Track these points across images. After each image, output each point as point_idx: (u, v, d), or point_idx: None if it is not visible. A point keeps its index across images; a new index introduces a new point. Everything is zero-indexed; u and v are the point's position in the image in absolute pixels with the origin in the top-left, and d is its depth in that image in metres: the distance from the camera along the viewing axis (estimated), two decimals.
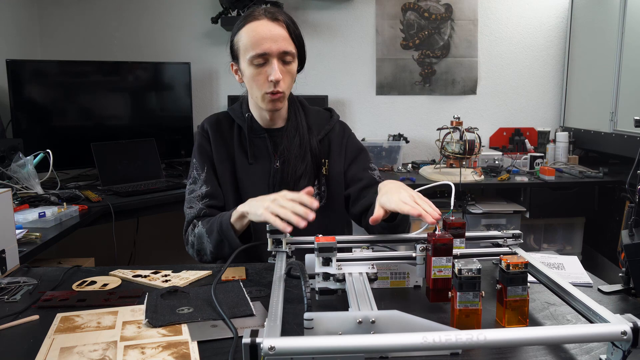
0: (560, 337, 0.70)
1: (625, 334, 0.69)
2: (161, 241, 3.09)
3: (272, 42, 1.28)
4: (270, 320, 0.74)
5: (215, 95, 3.21)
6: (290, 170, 1.39)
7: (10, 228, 1.21)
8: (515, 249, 1.09)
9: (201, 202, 1.39)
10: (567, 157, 3.03)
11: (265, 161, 1.42)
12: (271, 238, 1.08)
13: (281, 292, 0.87)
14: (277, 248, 1.08)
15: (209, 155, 1.43)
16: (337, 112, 1.54)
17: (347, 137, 1.50)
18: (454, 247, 0.94)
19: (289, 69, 1.32)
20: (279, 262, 1.03)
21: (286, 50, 1.29)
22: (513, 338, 0.68)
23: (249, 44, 1.30)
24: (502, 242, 1.11)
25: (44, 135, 2.60)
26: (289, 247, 1.09)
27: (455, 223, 1.04)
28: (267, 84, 1.30)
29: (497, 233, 1.14)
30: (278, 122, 1.45)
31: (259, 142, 1.43)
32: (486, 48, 3.27)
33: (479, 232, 1.16)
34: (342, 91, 3.23)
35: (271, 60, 1.29)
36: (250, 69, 1.31)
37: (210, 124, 1.46)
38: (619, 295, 1.03)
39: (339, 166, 1.46)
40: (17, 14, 2.86)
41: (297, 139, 1.41)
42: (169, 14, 3.12)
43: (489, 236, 1.14)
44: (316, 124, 1.47)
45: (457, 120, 2.69)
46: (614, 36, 2.67)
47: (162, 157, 2.69)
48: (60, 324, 0.90)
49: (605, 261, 2.72)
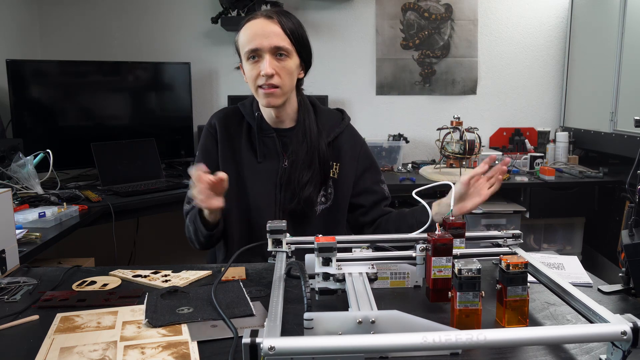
0: (560, 337, 0.70)
1: (625, 334, 0.69)
2: (161, 241, 3.09)
3: (263, 38, 1.31)
4: (270, 320, 0.74)
5: (215, 95, 3.21)
6: (296, 176, 1.40)
7: (10, 228, 1.21)
8: (515, 249, 1.09)
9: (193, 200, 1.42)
10: (567, 157, 3.03)
11: (274, 160, 1.43)
12: (271, 238, 1.08)
13: (281, 292, 0.87)
14: (277, 248, 1.08)
15: (212, 156, 1.45)
16: (347, 115, 1.55)
17: (361, 145, 1.52)
18: (454, 247, 0.94)
19: (285, 65, 1.33)
20: (279, 262, 1.03)
21: (278, 46, 1.31)
22: (513, 338, 0.68)
23: (244, 41, 1.34)
24: (502, 242, 1.12)
25: (44, 135, 2.60)
26: (289, 247, 1.09)
27: (455, 223, 1.04)
28: (260, 78, 1.33)
29: (497, 233, 1.14)
30: (286, 122, 1.45)
31: (268, 141, 1.44)
32: (486, 48, 3.27)
33: (479, 232, 1.16)
34: (342, 91, 3.23)
35: (264, 56, 1.31)
36: (247, 65, 1.35)
37: (219, 120, 1.48)
38: (619, 295, 1.03)
39: (350, 172, 1.47)
40: (17, 14, 2.86)
41: (305, 144, 1.41)
42: (169, 14, 3.12)
43: (489, 236, 1.14)
44: (327, 125, 1.47)
45: (457, 120, 2.69)
46: (614, 36, 2.67)
47: (162, 157, 2.69)
48: (60, 324, 0.90)
49: (605, 261, 2.72)
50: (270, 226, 1.08)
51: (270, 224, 1.09)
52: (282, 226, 1.08)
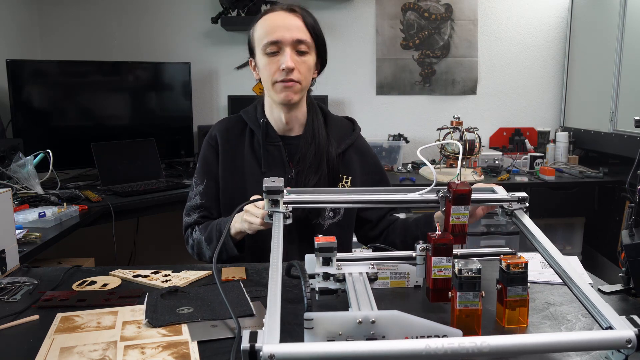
0: (563, 344, 0.69)
1: (630, 342, 0.67)
2: (161, 241, 3.09)
3: (285, 30, 1.25)
4: (269, 323, 0.71)
5: (215, 95, 3.21)
6: (302, 180, 1.34)
7: (10, 228, 1.21)
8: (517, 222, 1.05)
9: (196, 212, 1.40)
10: (567, 157, 3.02)
11: (279, 170, 1.35)
12: (267, 198, 1.02)
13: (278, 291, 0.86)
14: (274, 208, 1.02)
15: (212, 169, 1.39)
16: (358, 125, 1.49)
17: (372, 158, 1.47)
18: (459, 214, 0.93)
19: (305, 60, 1.28)
20: (277, 224, 0.98)
21: (300, 39, 1.26)
22: (516, 344, 0.67)
23: (263, 34, 1.28)
24: (507, 206, 1.06)
25: (44, 135, 2.60)
26: (286, 207, 1.02)
27: (460, 190, 0.97)
28: (279, 73, 1.26)
29: (502, 196, 1.07)
30: (295, 129, 1.39)
31: (273, 149, 1.37)
32: (486, 48, 3.27)
33: (482, 194, 1.08)
34: (342, 91, 3.23)
35: (284, 49, 1.26)
36: (264, 58, 1.28)
37: (220, 131, 1.41)
38: (619, 296, 1.03)
39: (361, 186, 1.40)
40: (17, 14, 2.86)
41: (313, 147, 1.35)
42: (169, 14, 3.12)
43: (493, 199, 1.08)
44: (337, 135, 1.41)
45: (457, 120, 2.69)
46: (614, 36, 2.67)
47: (162, 157, 2.69)
48: (60, 324, 0.90)
49: (605, 261, 2.72)
50: (267, 186, 1.01)
51: (266, 182, 1.01)
52: (279, 186, 1.01)
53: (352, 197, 1.08)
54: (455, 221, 0.95)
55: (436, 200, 1.03)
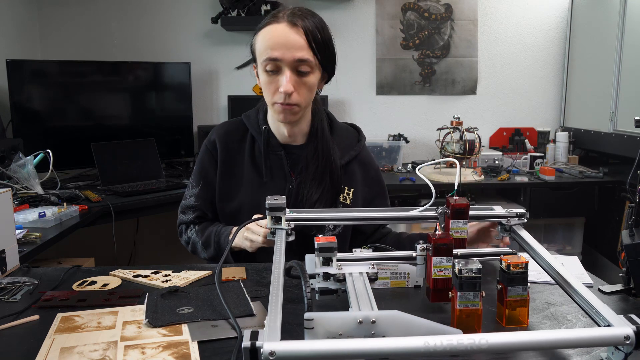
0: (562, 341, 0.69)
1: (628, 338, 0.68)
2: (161, 241, 3.09)
3: (285, 50, 1.18)
4: (270, 322, 0.73)
5: (215, 95, 3.21)
6: (305, 194, 1.30)
7: (10, 228, 1.20)
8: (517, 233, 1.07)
9: (191, 211, 1.41)
10: (567, 157, 3.03)
11: (280, 180, 1.32)
12: (270, 215, 1.03)
13: (280, 292, 0.87)
14: (276, 225, 1.03)
15: (209, 175, 1.37)
16: (363, 133, 1.46)
17: (375, 170, 1.43)
18: (458, 229, 0.93)
19: (305, 80, 1.21)
20: (279, 241, 0.99)
21: (301, 59, 1.18)
22: (514, 342, 0.68)
23: (262, 48, 1.21)
24: (505, 222, 1.08)
25: (44, 135, 2.60)
26: (288, 224, 1.04)
27: (458, 204, 1.00)
28: (278, 95, 1.21)
29: (500, 212, 1.10)
30: (298, 139, 1.34)
31: (274, 158, 1.33)
32: (486, 48, 3.27)
33: (482, 211, 1.11)
34: (342, 91, 3.23)
35: (284, 69, 1.19)
36: (264, 75, 1.22)
37: (219, 136, 1.37)
38: (619, 296, 1.03)
39: (362, 199, 1.38)
40: (17, 14, 2.86)
41: (316, 159, 1.30)
42: (169, 14, 3.12)
43: (491, 215, 1.10)
44: (342, 144, 1.37)
45: (457, 120, 2.69)
46: (614, 36, 2.67)
47: (162, 157, 2.69)
48: (61, 324, 0.90)
49: (605, 261, 2.72)
50: (269, 203, 1.02)
51: (269, 200, 1.03)
52: (281, 203, 1.03)
53: (354, 215, 1.13)
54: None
55: (435, 217, 1.07)
